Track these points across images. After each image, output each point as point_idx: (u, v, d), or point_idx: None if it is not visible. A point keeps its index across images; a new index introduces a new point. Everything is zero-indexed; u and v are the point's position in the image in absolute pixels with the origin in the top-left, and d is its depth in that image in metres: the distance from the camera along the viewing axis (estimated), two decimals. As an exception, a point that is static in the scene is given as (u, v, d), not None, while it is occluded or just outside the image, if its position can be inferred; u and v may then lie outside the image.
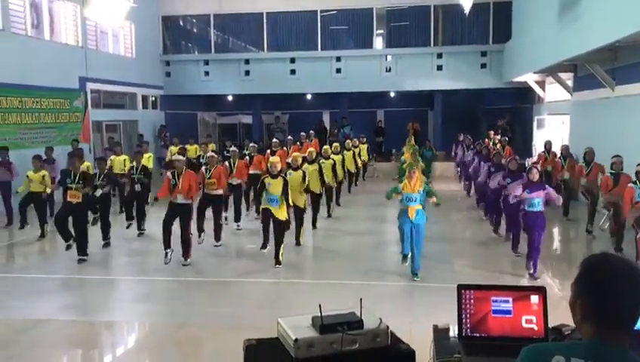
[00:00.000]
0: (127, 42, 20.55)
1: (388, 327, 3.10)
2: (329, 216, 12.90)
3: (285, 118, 25.84)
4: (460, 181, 17.79)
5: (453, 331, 3.23)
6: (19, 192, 11.37)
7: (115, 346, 6.44)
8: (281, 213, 8.81)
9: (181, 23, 23.32)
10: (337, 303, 3.41)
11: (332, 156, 12.98)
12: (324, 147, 13.35)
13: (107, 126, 19.06)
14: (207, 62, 22.37)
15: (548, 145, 14.08)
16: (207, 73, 22.34)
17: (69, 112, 16.69)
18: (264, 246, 8.90)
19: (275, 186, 8.72)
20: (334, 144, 14.69)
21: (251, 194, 12.70)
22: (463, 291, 3.11)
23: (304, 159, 10.97)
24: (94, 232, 10.23)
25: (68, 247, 9.55)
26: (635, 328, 1.72)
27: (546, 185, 8.39)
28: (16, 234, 11.75)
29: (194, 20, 23.26)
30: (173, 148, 16.85)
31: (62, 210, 9.46)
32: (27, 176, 11.24)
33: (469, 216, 13.09)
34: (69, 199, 9.20)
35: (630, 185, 8.38)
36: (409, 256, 8.06)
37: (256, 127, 23.82)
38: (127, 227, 11.42)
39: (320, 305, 3.04)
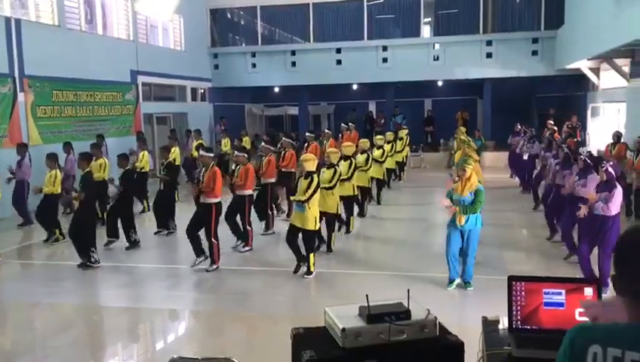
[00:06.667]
0: (177, 35, 20.89)
1: (436, 318, 3.07)
2: (363, 215, 11.85)
3: (331, 109, 25.82)
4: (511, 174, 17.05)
5: (503, 323, 3.18)
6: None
7: (167, 333, 6.62)
8: (310, 222, 7.75)
9: (228, 16, 23.54)
10: (384, 294, 3.39)
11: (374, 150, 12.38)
12: (361, 140, 12.36)
13: (158, 118, 19.47)
14: (254, 55, 22.51)
15: (616, 136, 12.25)
16: (254, 65, 22.48)
17: (121, 105, 17.15)
18: (298, 267, 8.01)
19: (302, 188, 7.77)
20: (388, 133, 13.68)
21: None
22: (513, 283, 3.05)
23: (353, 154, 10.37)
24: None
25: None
26: None
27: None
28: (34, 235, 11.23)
29: (241, 12, 23.44)
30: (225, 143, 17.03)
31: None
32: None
33: (525, 215, 12.47)
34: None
35: None
36: (455, 281, 7.24)
37: (303, 118, 23.90)
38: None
39: (367, 296, 3.04)
